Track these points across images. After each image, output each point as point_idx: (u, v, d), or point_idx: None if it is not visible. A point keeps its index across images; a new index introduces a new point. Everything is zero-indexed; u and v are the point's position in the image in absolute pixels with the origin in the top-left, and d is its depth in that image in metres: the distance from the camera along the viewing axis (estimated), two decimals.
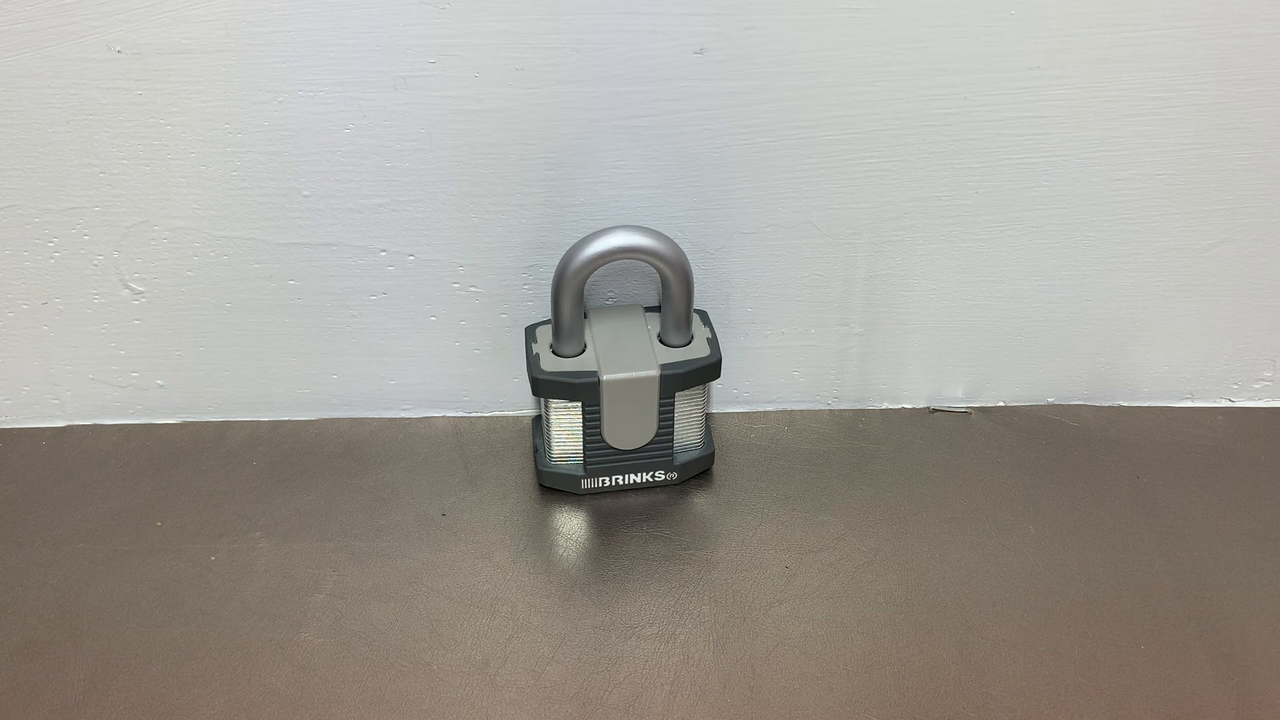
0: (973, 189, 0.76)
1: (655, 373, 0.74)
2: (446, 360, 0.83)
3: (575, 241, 0.73)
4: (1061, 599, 0.72)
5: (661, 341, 0.77)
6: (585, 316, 0.77)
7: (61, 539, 0.76)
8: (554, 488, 0.79)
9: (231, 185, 0.74)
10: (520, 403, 0.85)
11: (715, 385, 0.84)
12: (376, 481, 0.80)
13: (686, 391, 0.77)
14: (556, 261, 0.74)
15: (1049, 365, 0.85)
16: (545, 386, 0.74)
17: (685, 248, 0.76)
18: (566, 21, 0.69)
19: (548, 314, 0.79)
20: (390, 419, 0.85)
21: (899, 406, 0.87)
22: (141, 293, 0.79)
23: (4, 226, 0.76)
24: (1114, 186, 0.76)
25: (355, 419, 0.85)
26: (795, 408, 0.86)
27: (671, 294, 0.75)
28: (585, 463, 0.78)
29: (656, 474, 0.79)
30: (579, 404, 0.75)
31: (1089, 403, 0.87)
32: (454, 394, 0.85)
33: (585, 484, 0.79)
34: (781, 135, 0.73)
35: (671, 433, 0.77)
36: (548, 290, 0.78)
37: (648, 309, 0.79)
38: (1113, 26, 0.70)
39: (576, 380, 0.74)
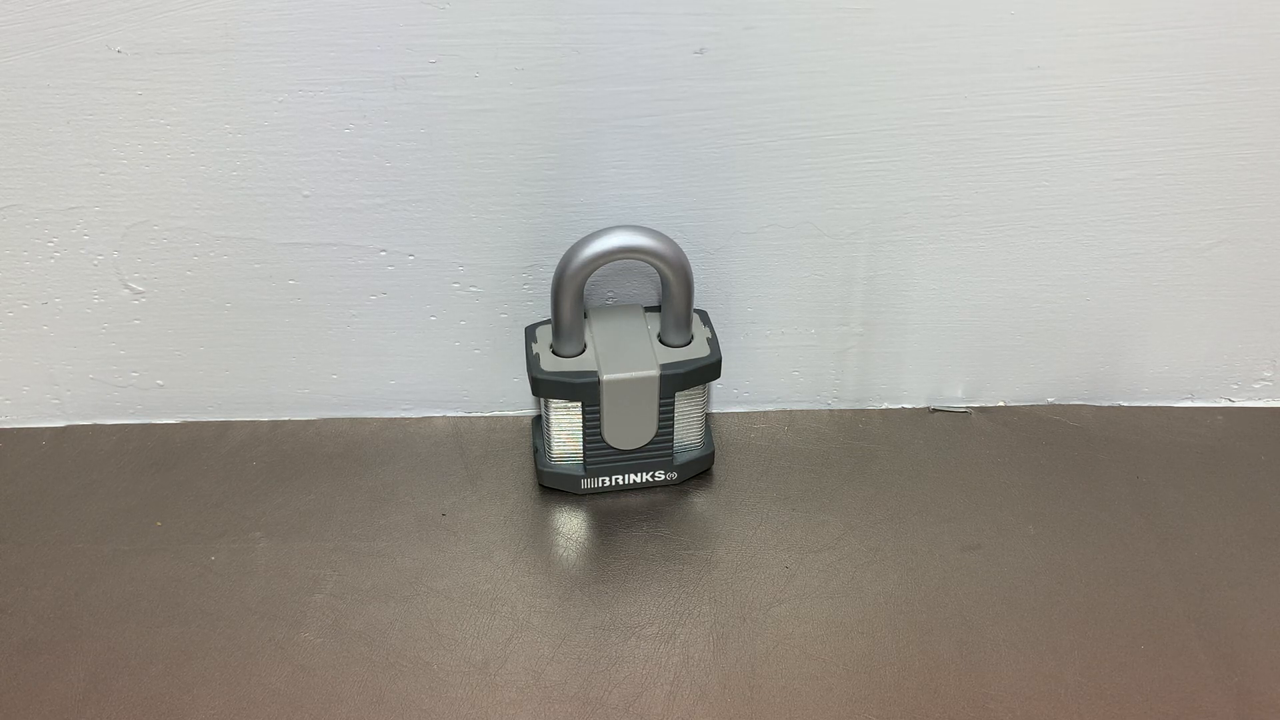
0: (973, 189, 0.76)
1: (655, 373, 0.74)
2: (446, 360, 0.83)
3: (575, 241, 0.73)
4: (1061, 599, 0.72)
5: (661, 341, 0.77)
6: (585, 316, 0.77)
7: (61, 539, 0.76)
8: (554, 488, 0.79)
9: (231, 185, 0.74)
10: (520, 403, 0.85)
11: (715, 385, 0.84)
12: (376, 481, 0.80)
13: (686, 391, 0.77)
14: (556, 261, 0.74)
15: (1049, 365, 0.85)
16: (545, 386, 0.74)
17: (685, 248, 0.76)
18: (566, 21, 0.69)
19: (548, 314, 0.79)
20: (390, 419, 0.85)
21: (899, 406, 0.87)
22: (141, 293, 0.79)
23: (4, 226, 0.76)
24: (1114, 186, 0.76)
25: (355, 419, 0.85)
26: (795, 408, 0.86)
27: (671, 294, 0.75)
28: (585, 463, 0.78)
29: (656, 474, 0.79)
30: (579, 404, 0.75)
31: (1089, 403, 0.87)
32: (454, 394, 0.85)
33: (585, 484, 0.79)
34: (781, 135, 0.73)
35: (671, 433, 0.77)
36: (548, 290, 0.78)
37: (648, 309, 0.79)
38: (1113, 26, 0.70)
39: (576, 380, 0.74)
